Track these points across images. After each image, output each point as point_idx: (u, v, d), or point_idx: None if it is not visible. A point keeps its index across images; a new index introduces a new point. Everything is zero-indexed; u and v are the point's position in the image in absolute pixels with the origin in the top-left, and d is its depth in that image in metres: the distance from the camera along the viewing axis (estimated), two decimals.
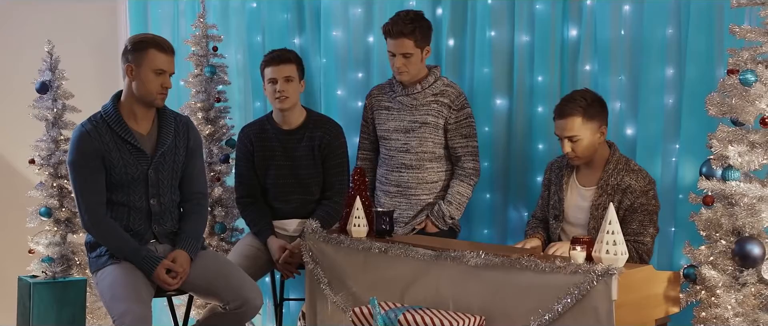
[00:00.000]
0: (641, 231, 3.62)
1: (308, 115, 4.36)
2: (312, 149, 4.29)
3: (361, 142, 4.51)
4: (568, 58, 4.33)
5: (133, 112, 3.76)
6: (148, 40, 3.76)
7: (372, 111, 4.42)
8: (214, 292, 3.77)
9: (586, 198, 3.77)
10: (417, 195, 4.30)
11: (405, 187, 4.31)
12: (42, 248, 4.30)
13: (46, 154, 4.32)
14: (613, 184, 3.69)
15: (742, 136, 3.08)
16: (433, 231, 4.25)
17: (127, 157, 3.72)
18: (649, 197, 3.65)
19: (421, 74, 4.25)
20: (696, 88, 3.85)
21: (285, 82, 4.21)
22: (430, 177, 4.29)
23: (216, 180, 4.71)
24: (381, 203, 4.38)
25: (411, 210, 4.31)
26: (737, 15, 3.65)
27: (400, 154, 4.30)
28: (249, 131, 4.39)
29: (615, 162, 3.73)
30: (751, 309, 3.04)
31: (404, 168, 4.29)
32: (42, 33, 4.55)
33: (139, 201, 3.77)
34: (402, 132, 4.29)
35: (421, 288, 3.50)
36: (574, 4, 4.29)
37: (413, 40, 4.12)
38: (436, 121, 4.22)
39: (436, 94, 4.23)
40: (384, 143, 4.38)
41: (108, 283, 3.64)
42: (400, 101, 4.29)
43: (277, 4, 5.04)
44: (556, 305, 3.10)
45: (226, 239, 4.75)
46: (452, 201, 4.24)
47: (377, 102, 4.40)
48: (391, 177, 4.34)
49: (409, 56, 4.14)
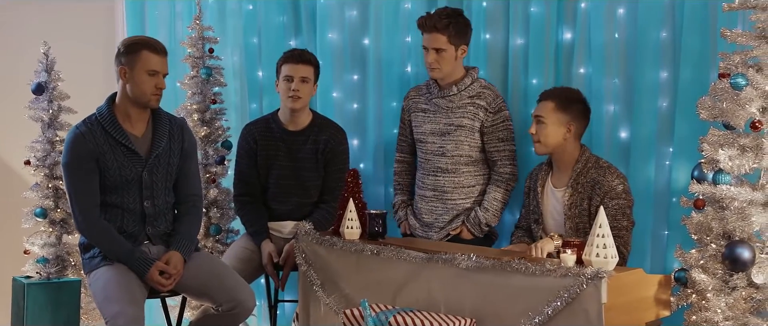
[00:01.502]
0: (615, 225, 3.61)
1: (314, 117, 4.37)
2: (316, 152, 4.29)
3: (399, 144, 4.48)
4: (563, 60, 4.33)
5: (128, 114, 3.77)
6: (140, 41, 3.77)
7: (409, 113, 4.37)
8: (207, 294, 3.78)
9: (559, 200, 3.81)
10: (453, 200, 4.23)
11: (441, 191, 4.24)
12: (37, 249, 4.31)
13: (42, 155, 4.33)
14: (583, 182, 3.74)
15: (733, 140, 3.09)
16: (468, 238, 4.19)
17: (121, 159, 3.72)
18: (618, 192, 3.68)
19: (458, 75, 4.18)
20: (690, 91, 3.84)
21: (300, 82, 4.21)
22: (467, 182, 4.23)
23: (211, 182, 4.72)
24: (417, 207, 4.33)
25: (447, 215, 4.24)
26: (730, 18, 3.66)
27: (436, 157, 4.24)
28: (253, 129, 4.39)
29: (584, 161, 3.79)
30: (741, 312, 3.05)
31: (440, 171, 4.23)
32: (39, 34, 4.56)
33: (133, 203, 3.78)
34: (438, 135, 4.23)
35: (412, 290, 3.51)
36: (568, 6, 4.29)
37: (447, 35, 4.05)
38: (472, 123, 4.16)
39: (472, 97, 4.16)
40: (420, 146, 4.32)
41: (101, 284, 3.65)
42: (436, 103, 4.23)
43: (273, 6, 5.04)
44: (546, 308, 3.10)
45: (221, 240, 4.75)
46: (489, 207, 4.17)
47: (414, 104, 4.35)
48: (427, 181, 4.28)
49: (442, 52, 4.07)
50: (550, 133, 3.79)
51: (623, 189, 3.70)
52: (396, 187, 4.47)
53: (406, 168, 4.45)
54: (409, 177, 4.45)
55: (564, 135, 3.79)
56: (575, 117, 3.80)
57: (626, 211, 3.69)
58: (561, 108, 3.78)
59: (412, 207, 4.38)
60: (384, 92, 4.79)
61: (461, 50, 4.12)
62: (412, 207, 4.39)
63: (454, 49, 4.10)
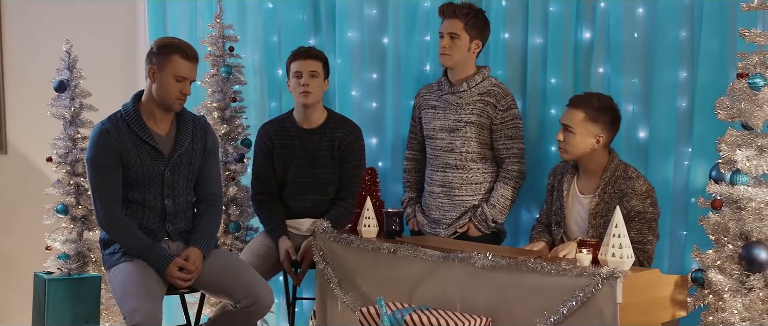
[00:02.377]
0: (640, 238, 3.61)
1: (329, 115, 4.39)
2: (331, 149, 4.32)
3: (409, 141, 4.50)
4: (582, 60, 4.32)
5: (153, 113, 3.80)
6: (173, 45, 3.78)
7: (420, 110, 4.40)
8: (226, 290, 3.81)
9: (584, 206, 3.78)
10: (461, 196, 4.25)
11: (449, 187, 4.26)
12: (58, 245, 4.35)
13: (64, 151, 4.37)
14: (611, 192, 3.69)
15: (751, 140, 3.07)
16: (475, 235, 4.21)
17: (144, 156, 3.76)
18: (646, 205, 3.63)
19: (469, 71, 4.21)
20: (708, 91, 3.82)
21: (310, 77, 4.24)
22: (475, 178, 4.24)
23: (231, 180, 4.75)
24: (426, 203, 4.35)
25: (454, 211, 4.26)
26: (751, 18, 3.64)
27: (445, 153, 4.26)
28: (269, 128, 4.42)
29: (612, 169, 3.72)
30: (757, 313, 3.03)
31: (449, 168, 4.25)
32: (60, 31, 4.61)
33: (154, 200, 3.81)
34: (447, 131, 4.25)
35: (428, 288, 3.52)
36: (587, 6, 4.28)
37: (464, 23, 4.11)
38: (480, 120, 4.17)
39: (482, 94, 4.18)
40: (430, 142, 4.34)
41: (120, 280, 3.69)
42: (446, 100, 4.25)
43: (293, 4, 5.07)
44: (561, 307, 3.11)
45: (240, 238, 4.79)
46: (495, 204, 4.18)
47: (424, 101, 4.37)
48: (436, 177, 4.30)
49: (456, 38, 4.12)
50: (577, 143, 3.71)
51: (651, 202, 3.65)
52: (405, 184, 4.50)
53: (415, 166, 4.47)
54: (418, 175, 4.47)
55: (592, 146, 3.72)
56: (605, 128, 3.71)
57: (652, 225, 3.65)
58: (591, 119, 3.68)
59: (421, 204, 4.40)
60: (402, 91, 4.80)
61: (475, 44, 4.16)
62: (420, 204, 4.40)
63: (469, 39, 4.14)
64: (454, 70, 4.23)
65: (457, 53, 4.15)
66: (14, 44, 5.11)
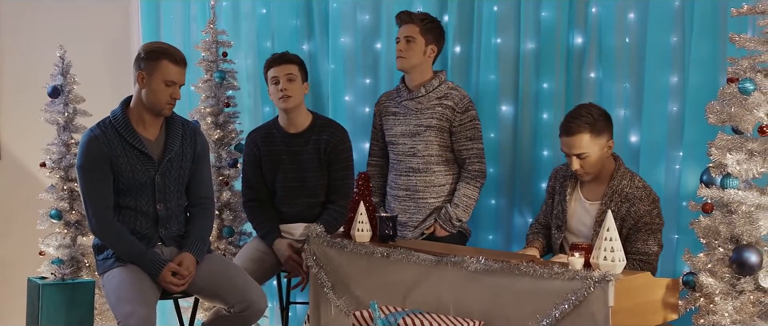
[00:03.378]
0: (645, 249, 3.64)
1: (314, 118, 4.40)
2: (318, 152, 4.33)
3: (371, 148, 4.56)
4: (574, 64, 4.35)
5: (142, 118, 3.81)
6: (161, 50, 3.78)
7: (380, 117, 4.48)
8: (219, 295, 3.82)
9: (590, 213, 3.79)
10: (425, 199, 4.33)
11: (413, 191, 4.34)
12: (52, 250, 4.35)
13: (57, 157, 4.37)
14: (618, 201, 3.70)
15: (741, 144, 3.09)
16: (442, 235, 4.28)
17: (134, 162, 3.77)
18: (653, 216, 3.66)
19: (426, 77, 4.30)
20: (699, 96, 3.86)
21: (287, 81, 4.25)
22: (438, 181, 4.32)
23: (224, 184, 4.76)
24: (391, 208, 4.42)
25: (420, 214, 4.34)
26: (740, 23, 3.67)
27: (407, 158, 4.34)
28: (256, 136, 4.44)
29: (619, 177, 3.72)
30: (748, 316, 3.05)
31: (412, 171, 4.33)
32: (54, 37, 4.62)
33: (146, 205, 3.82)
34: (408, 136, 4.33)
35: (422, 292, 3.53)
36: (579, 11, 4.31)
37: (420, 28, 4.23)
38: (440, 123, 4.26)
39: (440, 98, 4.27)
40: (392, 148, 4.42)
41: (114, 285, 3.69)
42: (406, 106, 4.33)
43: (286, 9, 5.09)
44: (554, 310, 3.12)
45: (234, 243, 4.80)
46: (459, 203, 4.27)
47: (385, 108, 4.45)
48: (400, 182, 4.38)
49: (412, 40, 4.23)
50: (594, 162, 3.70)
51: (657, 213, 3.67)
52: None
53: (378, 172, 4.54)
54: (381, 180, 4.55)
55: (606, 154, 3.73)
56: (608, 132, 3.71)
57: (657, 235, 3.67)
58: (596, 133, 3.66)
59: (385, 208, 4.46)
60: None
61: (431, 49, 4.26)
62: (384, 208, 4.46)
63: (424, 42, 4.24)
64: (411, 74, 4.32)
65: (412, 56, 4.24)
66: (8, 50, 5.12)
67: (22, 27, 5.15)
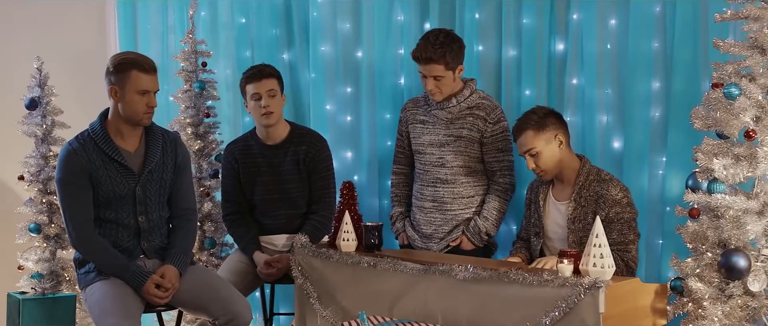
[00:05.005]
0: (622, 239, 3.64)
1: (292, 129, 4.36)
2: (297, 163, 4.29)
3: (396, 156, 4.47)
4: (556, 71, 4.35)
5: (120, 131, 3.76)
6: (129, 60, 3.71)
7: (407, 125, 4.37)
8: (204, 307, 3.78)
9: (561, 212, 3.81)
10: (452, 211, 4.24)
11: (440, 202, 4.25)
12: (31, 264, 4.30)
13: (36, 170, 4.33)
14: (586, 196, 3.72)
15: (727, 149, 3.10)
16: (468, 248, 4.19)
17: (114, 175, 3.72)
18: (623, 205, 3.67)
19: (456, 88, 4.18)
20: (682, 101, 3.87)
21: (269, 97, 4.20)
22: (466, 192, 4.23)
23: (205, 196, 4.72)
24: (415, 218, 4.33)
25: (446, 225, 4.24)
26: (722, 29, 3.69)
27: (435, 168, 4.24)
28: (233, 148, 4.39)
29: (585, 173, 3.77)
30: (737, 321, 3.06)
31: (439, 182, 4.24)
32: (30, 49, 4.56)
33: (128, 218, 3.77)
34: (437, 146, 4.23)
35: (409, 301, 3.51)
36: (560, 18, 4.31)
37: (444, 64, 4.04)
38: (471, 134, 4.17)
39: (471, 108, 4.17)
40: (419, 157, 4.32)
41: (97, 299, 3.64)
42: (435, 115, 4.23)
43: (266, 19, 5.06)
44: (543, 318, 3.11)
45: (216, 254, 4.76)
46: (488, 217, 4.18)
47: (412, 115, 4.35)
48: (426, 192, 4.29)
49: (441, 78, 4.07)
50: (547, 157, 3.75)
51: (628, 202, 3.69)
52: (393, 199, 4.47)
53: (403, 180, 4.45)
54: (406, 189, 4.45)
55: (559, 149, 3.77)
56: (556, 127, 3.77)
57: (632, 224, 3.69)
58: (539, 129, 3.74)
59: (410, 218, 4.39)
60: (377, 104, 4.80)
61: (459, 70, 4.13)
62: (409, 218, 4.39)
63: (452, 72, 4.10)
64: None
65: (446, 88, 4.12)
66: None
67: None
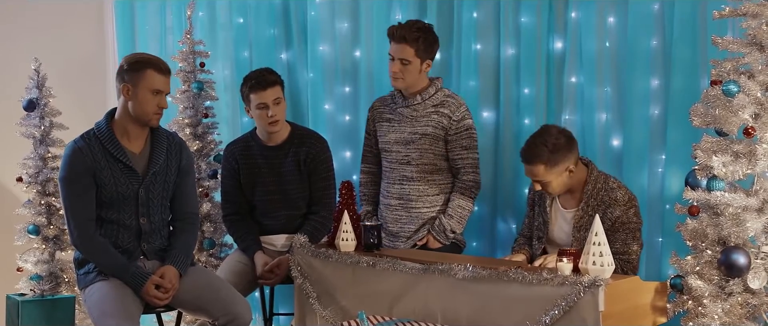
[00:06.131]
0: (625, 249, 3.63)
1: (292, 129, 4.35)
2: (298, 164, 4.29)
3: (364, 154, 4.48)
4: (554, 70, 4.36)
5: (127, 131, 3.75)
6: (145, 60, 3.73)
7: (374, 123, 4.39)
8: (204, 308, 3.77)
9: (567, 220, 3.78)
10: (418, 209, 4.25)
11: (406, 200, 4.26)
12: (30, 266, 4.29)
13: (34, 171, 4.32)
14: (594, 205, 3.69)
15: (726, 147, 3.10)
16: (435, 247, 4.20)
17: (118, 175, 3.71)
18: (630, 215, 3.64)
19: (422, 85, 4.21)
20: (681, 99, 3.87)
21: (275, 106, 4.19)
22: (432, 190, 4.24)
23: (204, 196, 4.71)
24: (383, 216, 4.34)
25: (412, 224, 4.26)
26: (721, 26, 3.68)
27: (401, 166, 4.26)
28: (234, 149, 4.38)
29: (593, 182, 3.71)
30: (737, 318, 3.06)
31: (405, 180, 4.25)
32: (28, 50, 4.55)
33: (129, 219, 3.76)
34: (402, 144, 4.25)
35: (409, 301, 3.51)
36: (559, 16, 4.31)
37: (414, 49, 4.09)
38: (436, 132, 4.17)
39: (436, 105, 4.19)
40: (385, 155, 4.34)
41: (96, 300, 3.64)
42: (401, 113, 4.25)
43: (264, 19, 5.05)
44: (543, 317, 3.10)
45: (215, 255, 4.75)
46: (453, 214, 4.19)
47: (379, 114, 4.37)
48: (393, 190, 4.30)
49: (407, 64, 4.10)
50: (555, 186, 3.69)
51: (634, 212, 3.66)
52: (362, 198, 4.48)
53: (371, 179, 4.46)
54: (374, 188, 4.46)
55: (568, 178, 3.69)
56: (567, 158, 3.66)
57: (636, 234, 3.66)
58: (551, 164, 3.63)
59: (378, 217, 4.39)
60: None
61: (426, 64, 4.16)
62: (377, 217, 4.40)
63: (420, 62, 4.13)
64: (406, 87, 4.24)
65: (409, 76, 4.15)
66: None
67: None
